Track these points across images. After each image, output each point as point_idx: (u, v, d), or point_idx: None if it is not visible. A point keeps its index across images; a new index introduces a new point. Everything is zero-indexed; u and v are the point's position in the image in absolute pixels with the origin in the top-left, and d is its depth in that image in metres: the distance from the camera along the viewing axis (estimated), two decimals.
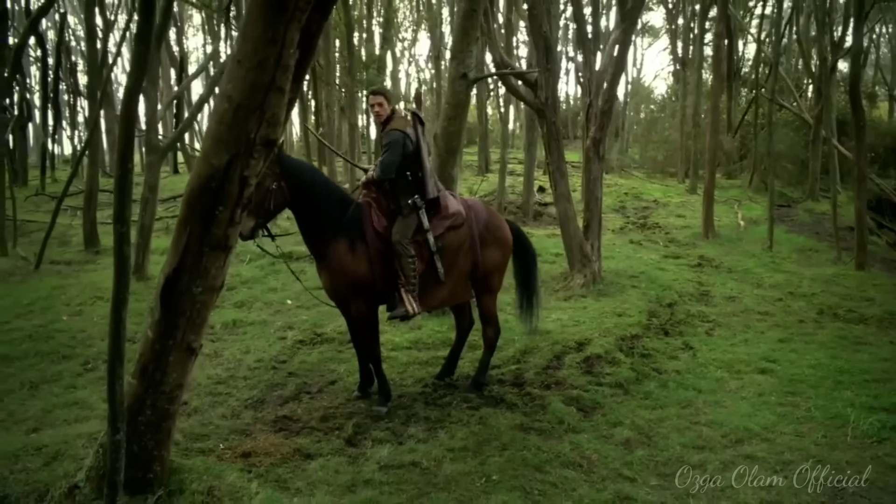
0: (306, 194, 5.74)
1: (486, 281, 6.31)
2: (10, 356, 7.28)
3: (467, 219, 6.11)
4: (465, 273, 6.14)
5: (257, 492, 4.58)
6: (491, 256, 6.25)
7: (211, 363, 7.25)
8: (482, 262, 6.18)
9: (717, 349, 7.70)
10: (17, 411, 6.02)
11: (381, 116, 5.88)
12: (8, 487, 4.47)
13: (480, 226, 6.20)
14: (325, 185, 5.98)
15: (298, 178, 5.72)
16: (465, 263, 6.09)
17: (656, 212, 16.84)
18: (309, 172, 5.93)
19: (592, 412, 6.09)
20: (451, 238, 5.97)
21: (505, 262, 6.47)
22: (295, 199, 5.74)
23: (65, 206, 16.12)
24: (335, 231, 5.78)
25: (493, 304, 6.51)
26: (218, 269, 4.33)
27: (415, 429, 5.68)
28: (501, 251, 6.35)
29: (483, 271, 6.23)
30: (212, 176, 4.04)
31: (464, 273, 6.13)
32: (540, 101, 9.39)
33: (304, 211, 5.82)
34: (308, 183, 5.77)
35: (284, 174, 5.62)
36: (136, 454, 4.38)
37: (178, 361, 4.39)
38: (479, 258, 6.15)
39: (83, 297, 9.26)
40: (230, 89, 3.93)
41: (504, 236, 6.41)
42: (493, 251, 6.26)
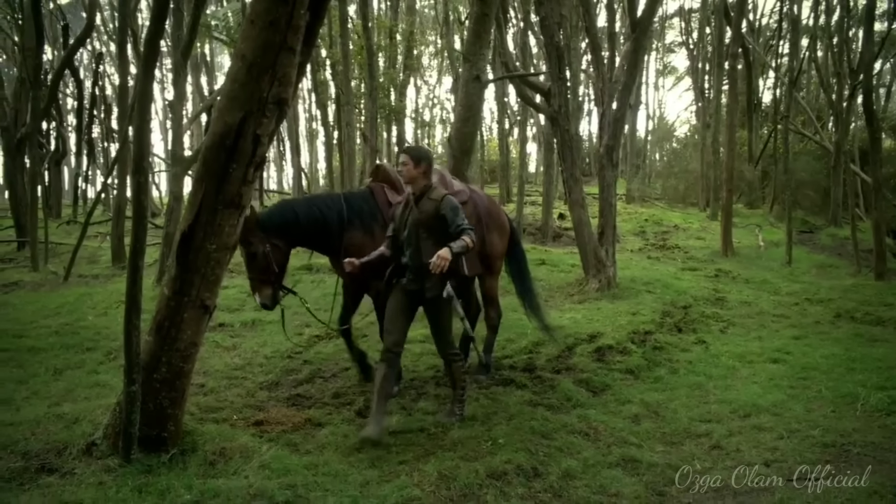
0: (300, 229, 5.79)
1: (488, 263, 6.46)
2: (37, 347, 7.52)
3: (471, 198, 6.33)
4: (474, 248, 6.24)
5: (267, 451, 4.70)
6: (492, 240, 6.45)
7: (229, 354, 7.42)
8: (487, 242, 6.35)
9: (731, 343, 7.72)
10: (42, 391, 6.22)
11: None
12: (29, 445, 4.62)
13: (483, 208, 6.43)
14: (308, 205, 5.96)
15: (281, 225, 5.72)
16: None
17: (676, 235, 16.88)
18: (286, 212, 5.88)
19: (602, 392, 6.15)
20: None
21: (504, 247, 6.65)
22: (294, 241, 5.86)
23: (95, 232, 16.67)
24: (343, 227, 5.94)
25: (495, 286, 6.68)
26: (231, 228, 4.53)
27: (425, 403, 5.78)
28: (500, 236, 6.57)
29: (487, 254, 6.39)
30: (226, 133, 4.26)
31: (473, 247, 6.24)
32: (553, 110, 9.61)
33: (309, 240, 5.98)
34: (292, 221, 5.78)
35: (268, 232, 5.64)
36: (151, 412, 4.53)
37: (192, 319, 4.56)
38: (484, 236, 6.30)
39: (108, 301, 9.51)
40: (244, 48, 4.18)
41: (503, 222, 6.67)
42: (493, 235, 6.47)
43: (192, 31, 9.66)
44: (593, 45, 10.42)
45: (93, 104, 23.99)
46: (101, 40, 29.15)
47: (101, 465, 4.39)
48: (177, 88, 10.46)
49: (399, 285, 5.27)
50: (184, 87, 11.24)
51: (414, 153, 5.18)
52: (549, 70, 9.76)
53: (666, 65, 41.16)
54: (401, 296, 5.25)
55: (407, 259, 5.20)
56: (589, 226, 9.86)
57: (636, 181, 25.45)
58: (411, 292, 5.20)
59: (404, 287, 5.23)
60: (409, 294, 5.22)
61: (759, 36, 27.00)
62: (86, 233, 13.22)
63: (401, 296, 5.25)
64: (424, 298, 5.16)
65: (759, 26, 27.89)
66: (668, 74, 41.90)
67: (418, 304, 5.27)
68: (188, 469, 4.38)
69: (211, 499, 4.02)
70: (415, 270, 5.15)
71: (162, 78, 30.70)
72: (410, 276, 5.18)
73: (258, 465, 4.47)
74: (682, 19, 31.16)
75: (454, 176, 6.62)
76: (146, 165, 4.10)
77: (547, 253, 13.01)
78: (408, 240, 5.19)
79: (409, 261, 5.18)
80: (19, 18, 17.35)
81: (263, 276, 5.63)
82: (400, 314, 5.25)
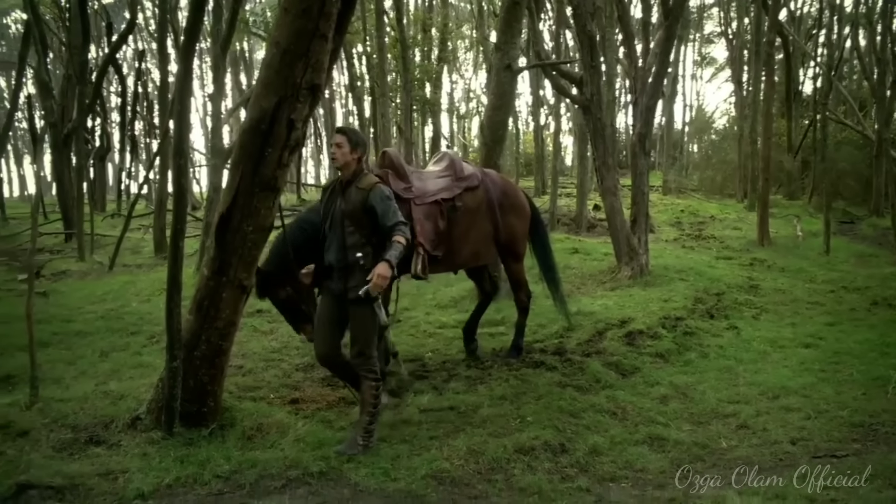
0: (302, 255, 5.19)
1: (509, 248, 6.50)
2: (84, 331, 7.82)
3: (483, 182, 6.32)
4: (486, 234, 6.28)
5: (302, 427, 4.87)
6: (511, 223, 6.43)
7: (266, 338, 7.62)
8: (503, 226, 6.35)
9: (763, 329, 7.72)
10: (89, 371, 6.48)
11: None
12: (78, 419, 4.85)
13: (497, 191, 6.40)
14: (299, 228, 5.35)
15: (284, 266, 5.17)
16: (484, 225, 6.25)
17: (712, 225, 16.72)
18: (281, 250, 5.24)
19: (631, 374, 6.22)
20: (468, 199, 6.14)
21: (525, 228, 6.64)
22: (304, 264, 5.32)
23: (138, 225, 17.10)
24: None
25: (521, 269, 6.70)
26: (267, 210, 4.70)
27: (455, 384, 5.92)
28: (520, 218, 6.54)
29: (505, 237, 6.41)
30: (261, 118, 4.43)
31: (485, 234, 6.28)
32: (585, 98, 9.66)
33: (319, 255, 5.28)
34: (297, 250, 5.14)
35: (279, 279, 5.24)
36: (192, 388, 4.73)
37: (230, 298, 4.75)
38: (498, 221, 6.31)
39: (151, 289, 9.80)
40: (278, 36, 4.35)
41: (520, 202, 6.62)
42: (512, 218, 6.44)
43: (231, 26, 9.90)
44: (626, 34, 10.41)
45: (135, 100, 24.52)
46: (143, 38, 29.78)
47: (145, 438, 4.62)
48: (216, 82, 10.73)
49: (325, 288, 4.80)
50: (223, 81, 11.51)
51: (351, 134, 4.71)
52: (582, 59, 9.79)
53: (704, 56, 40.66)
54: (328, 300, 4.79)
55: (330, 256, 4.70)
56: (621, 213, 9.89)
57: (672, 172, 25.21)
58: (336, 295, 4.70)
59: (329, 289, 4.75)
60: (334, 296, 4.72)
61: (799, 25, 26.55)
62: (129, 225, 13.60)
63: (328, 300, 4.79)
64: (351, 300, 4.58)
65: (801, 14, 27.43)
66: (706, 65, 41.39)
67: (345, 306, 4.68)
68: (227, 442, 4.58)
69: (248, 469, 4.20)
70: (339, 269, 4.65)
71: (202, 74, 31.25)
72: (334, 276, 4.69)
73: (293, 439, 4.65)
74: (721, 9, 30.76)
75: (480, 164, 6.66)
76: (185, 149, 4.29)
77: (580, 242, 13.03)
78: (331, 233, 4.71)
79: (333, 258, 4.68)
80: (66, 18, 17.88)
81: (300, 316, 5.44)
82: (326, 323, 4.78)
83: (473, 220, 6.13)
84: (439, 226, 5.88)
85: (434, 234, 5.85)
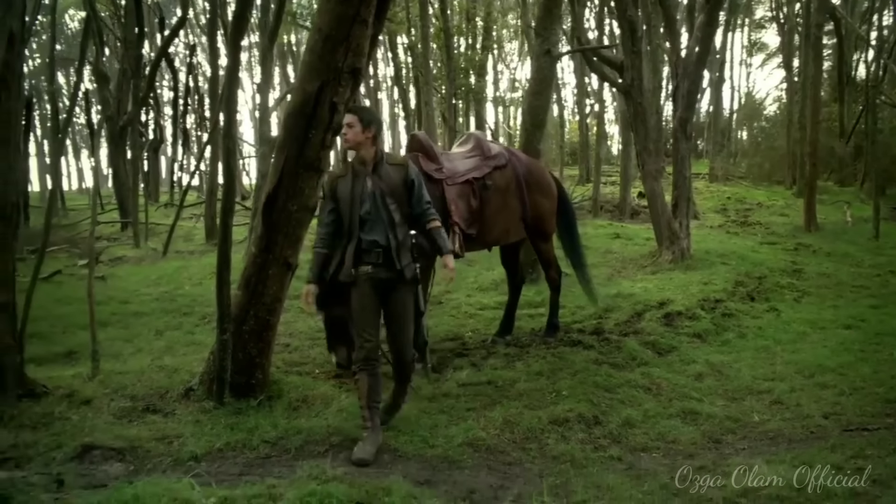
0: None
1: (537, 226, 6.60)
2: (140, 312, 8.21)
3: (510, 161, 6.44)
4: (515, 211, 6.41)
5: (345, 399, 5.09)
6: (538, 201, 6.53)
7: (312, 319, 7.84)
8: (530, 205, 6.46)
9: (804, 311, 7.69)
10: (145, 348, 6.82)
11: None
12: (136, 390, 5.15)
13: (524, 170, 6.51)
14: None
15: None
16: (513, 202, 6.37)
17: (758, 212, 16.53)
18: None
19: (667, 353, 6.30)
20: (498, 178, 6.27)
21: (552, 208, 6.72)
22: None
23: (190, 214, 17.65)
24: None
25: (550, 248, 6.82)
26: (311, 190, 4.93)
27: (494, 361, 6.07)
28: (546, 197, 6.63)
29: (533, 216, 6.51)
30: (305, 101, 4.65)
31: (514, 211, 6.40)
32: (626, 83, 9.69)
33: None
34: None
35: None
36: (241, 361, 4.99)
37: (276, 275, 4.99)
38: (525, 198, 6.42)
39: (203, 273, 10.17)
40: (320, 22, 4.55)
41: (546, 182, 6.72)
42: (538, 196, 6.54)
43: (278, 17, 10.20)
44: (667, 19, 10.40)
45: (187, 94, 25.17)
46: (194, 33, 30.49)
47: (197, 407, 4.89)
48: (263, 72, 11.05)
49: (363, 276, 4.35)
50: (270, 72, 11.84)
51: (362, 113, 4.45)
52: (623, 44, 9.82)
53: (754, 41, 39.87)
54: (367, 288, 4.37)
55: (376, 237, 4.33)
56: (662, 198, 9.91)
57: (719, 159, 24.87)
58: (380, 281, 4.36)
59: (370, 276, 4.35)
60: (376, 284, 4.37)
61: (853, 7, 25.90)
62: (181, 213, 14.07)
63: (367, 288, 4.37)
64: (401, 282, 4.35)
65: None
66: (757, 51, 40.58)
67: (387, 294, 4.41)
68: (274, 411, 4.82)
69: (294, 435, 4.42)
70: (386, 250, 4.33)
71: (251, 67, 31.84)
72: (378, 261, 4.32)
73: (336, 410, 4.87)
74: None
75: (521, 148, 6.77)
76: (234, 132, 4.52)
77: (622, 228, 13.06)
78: (374, 215, 4.34)
79: (381, 238, 4.33)
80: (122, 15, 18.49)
81: (342, 338, 5.56)
82: (371, 313, 4.40)
83: (503, 197, 6.28)
84: (472, 204, 6.03)
85: (468, 212, 6.01)
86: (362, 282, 4.36)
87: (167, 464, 4.05)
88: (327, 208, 4.46)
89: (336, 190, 4.42)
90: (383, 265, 4.33)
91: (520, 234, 6.59)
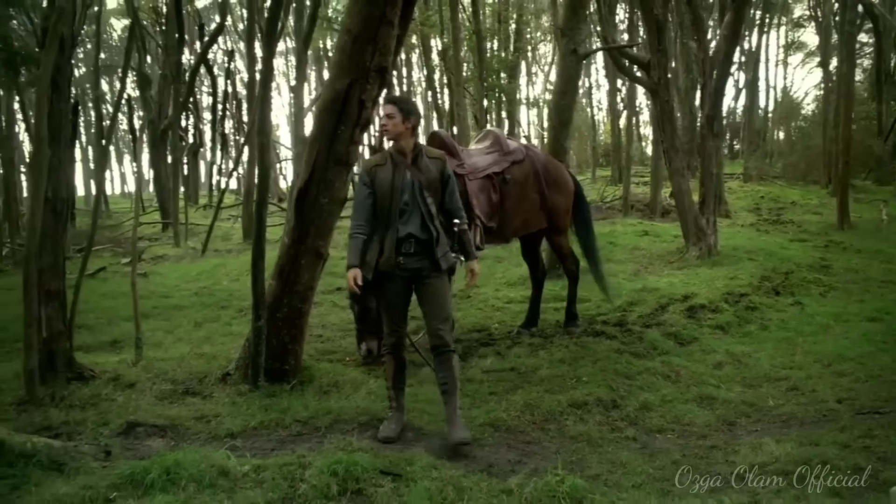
0: None
1: (553, 221, 6.82)
2: (181, 305, 8.58)
3: (528, 156, 6.71)
4: (534, 203, 6.65)
5: (374, 383, 5.33)
6: (554, 197, 6.76)
7: (344, 312, 8.13)
8: (548, 198, 6.69)
9: (829, 305, 7.73)
10: (185, 337, 7.16)
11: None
12: (176, 375, 5.44)
13: (541, 165, 6.76)
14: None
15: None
16: (532, 195, 6.62)
17: (791, 211, 16.43)
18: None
19: (688, 343, 6.43)
20: (516, 172, 6.52)
21: (568, 203, 6.93)
22: None
23: (227, 215, 18.13)
24: None
25: (565, 241, 7.04)
26: (341, 183, 5.19)
27: (518, 350, 6.26)
28: (562, 192, 6.85)
29: (549, 209, 6.73)
30: (335, 98, 4.91)
31: (532, 203, 6.64)
32: (653, 82, 9.82)
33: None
34: None
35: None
36: (275, 347, 5.25)
37: (308, 265, 5.25)
38: (544, 190, 6.65)
39: (240, 269, 10.51)
40: (349, 23, 4.81)
41: (564, 178, 6.96)
42: (554, 192, 6.77)
43: (312, 21, 10.53)
44: (695, 17, 10.49)
45: (225, 99, 25.80)
46: (233, 39, 31.17)
47: (234, 390, 5.16)
48: (299, 74, 11.40)
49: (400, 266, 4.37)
50: (305, 73, 12.18)
51: (402, 104, 4.43)
52: (649, 43, 9.95)
53: (792, 41, 39.40)
54: (399, 283, 4.42)
55: (412, 229, 4.36)
56: (689, 194, 9.99)
57: (753, 159, 24.66)
58: (415, 271, 4.39)
59: (406, 267, 4.37)
60: (411, 274, 4.40)
61: (892, 5, 25.52)
62: (219, 213, 14.50)
63: (399, 283, 4.42)
64: (437, 272, 4.39)
65: None
66: (795, 50, 40.10)
67: (420, 283, 4.44)
68: (306, 394, 5.08)
69: (324, 415, 4.66)
70: (425, 243, 4.36)
71: (287, 71, 32.43)
72: (415, 251, 4.36)
73: (365, 393, 5.11)
74: None
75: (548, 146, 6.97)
76: (267, 128, 4.79)
77: (652, 226, 13.12)
78: (412, 206, 4.37)
79: (416, 230, 4.37)
80: (163, 22, 19.09)
81: (373, 329, 5.78)
82: (403, 303, 4.49)
83: (522, 191, 6.51)
84: (492, 198, 6.28)
85: (488, 206, 6.26)
86: (398, 274, 4.38)
87: (205, 439, 4.32)
88: (364, 194, 4.41)
89: (375, 177, 4.38)
90: (420, 256, 4.36)
91: (539, 223, 6.80)
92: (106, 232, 15.41)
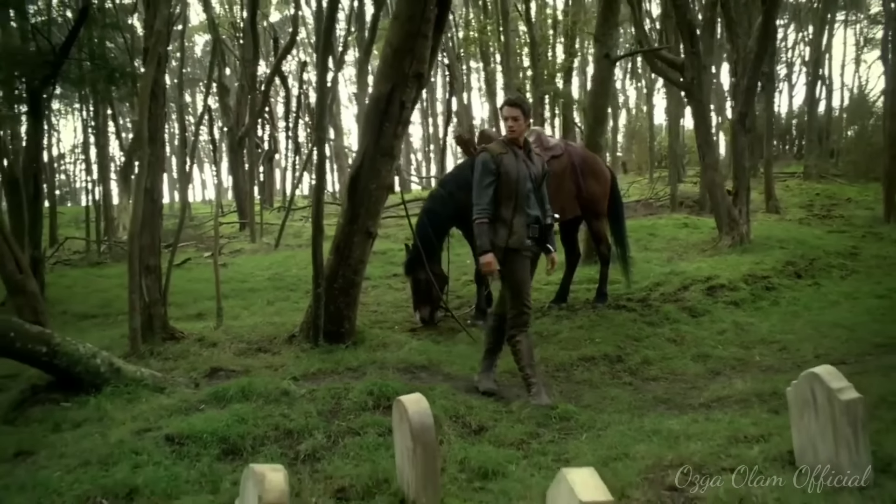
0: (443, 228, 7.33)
1: (590, 206, 7.68)
2: (255, 288, 9.72)
3: (565, 151, 7.60)
4: (570, 193, 7.47)
5: (416, 342, 6.25)
6: (591, 186, 7.62)
7: (398, 292, 9.11)
8: (584, 187, 7.54)
9: (845, 286, 8.23)
10: (258, 312, 8.27)
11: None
12: (251, 337, 6.46)
13: (578, 158, 7.65)
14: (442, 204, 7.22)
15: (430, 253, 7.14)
16: (569, 185, 7.46)
17: (845, 207, 16.58)
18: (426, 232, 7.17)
19: (700, 316, 7.12)
20: (554, 165, 7.27)
21: (605, 191, 7.78)
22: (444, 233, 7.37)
23: (300, 216, 19.40)
24: None
25: (602, 226, 7.88)
26: (387, 172, 6.12)
27: (545, 319, 7.09)
28: (598, 181, 7.72)
29: (587, 197, 7.58)
30: (380, 99, 5.86)
31: (568, 192, 7.45)
32: (687, 82, 10.45)
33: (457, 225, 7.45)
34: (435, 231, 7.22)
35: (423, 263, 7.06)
36: (332, 313, 6.21)
37: (360, 242, 6.20)
38: (580, 182, 7.50)
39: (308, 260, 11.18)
40: (390, 37, 5.77)
41: (600, 168, 7.90)
42: (591, 181, 7.64)
43: (372, 32, 11.57)
44: (728, 19, 11.06)
45: (298, 108, 27.22)
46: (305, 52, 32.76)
47: (298, 348, 6.14)
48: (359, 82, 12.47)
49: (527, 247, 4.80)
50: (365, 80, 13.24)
51: (523, 105, 4.89)
52: (683, 45, 10.59)
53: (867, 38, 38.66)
54: (526, 259, 4.85)
55: (537, 213, 4.83)
56: (721, 187, 10.56)
57: (813, 157, 24.57)
58: (534, 253, 4.89)
59: (530, 248, 4.83)
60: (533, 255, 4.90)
61: None
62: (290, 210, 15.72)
63: (526, 259, 4.85)
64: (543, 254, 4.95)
65: None
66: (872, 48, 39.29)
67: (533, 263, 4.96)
68: (358, 351, 6.01)
69: (370, 364, 5.58)
70: (543, 228, 4.85)
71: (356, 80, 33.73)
72: (537, 235, 4.81)
73: (408, 349, 6.02)
74: None
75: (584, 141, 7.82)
76: (325, 124, 5.77)
77: (693, 220, 13.61)
78: (536, 195, 4.85)
79: (541, 214, 4.86)
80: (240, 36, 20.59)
81: (425, 299, 7.16)
82: (529, 281, 4.91)
83: (560, 182, 7.33)
84: None
85: None
86: (524, 253, 4.77)
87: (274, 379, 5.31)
88: (489, 179, 4.68)
89: (501, 164, 4.67)
90: (539, 239, 4.83)
91: (574, 211, 7.63)
92: (189, 230, 16.85)
